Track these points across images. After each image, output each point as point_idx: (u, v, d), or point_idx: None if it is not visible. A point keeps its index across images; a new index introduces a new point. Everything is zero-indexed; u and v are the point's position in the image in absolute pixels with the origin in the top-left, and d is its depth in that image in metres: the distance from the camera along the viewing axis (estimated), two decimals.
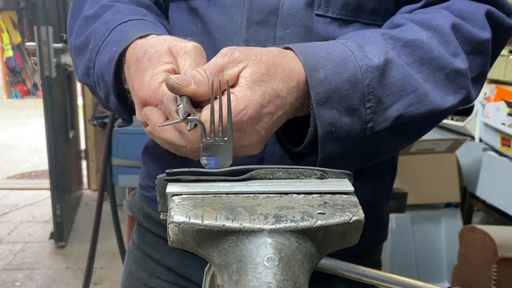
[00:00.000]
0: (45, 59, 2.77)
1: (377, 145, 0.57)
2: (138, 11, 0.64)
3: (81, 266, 2.84)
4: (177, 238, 0.37)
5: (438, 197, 2.25)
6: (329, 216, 0.38)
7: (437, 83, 0.56)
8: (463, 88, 0.58)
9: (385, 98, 0.53)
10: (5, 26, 9.08)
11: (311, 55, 0.52)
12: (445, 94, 0.56)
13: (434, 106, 0.56)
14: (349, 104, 0.52)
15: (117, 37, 0.57)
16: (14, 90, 9.45)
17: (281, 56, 0.51)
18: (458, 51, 0.57)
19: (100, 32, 0.60)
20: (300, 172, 0.44)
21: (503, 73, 2.42)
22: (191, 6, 0.66)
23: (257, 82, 0.47)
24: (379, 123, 0.54)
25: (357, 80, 0.52)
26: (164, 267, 0.77)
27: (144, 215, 0.79)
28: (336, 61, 0.52)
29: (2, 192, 4.19)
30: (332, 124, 0.52)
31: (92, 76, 0.61)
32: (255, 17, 0.62)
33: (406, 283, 0.57)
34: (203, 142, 0.43)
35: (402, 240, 2.20)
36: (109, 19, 0.61)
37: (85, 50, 0.62)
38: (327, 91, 0.51)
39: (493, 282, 1.54)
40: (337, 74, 0.51)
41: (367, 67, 0.52)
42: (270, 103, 0.48)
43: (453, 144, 2.20)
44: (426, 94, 0.55)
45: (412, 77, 0.54)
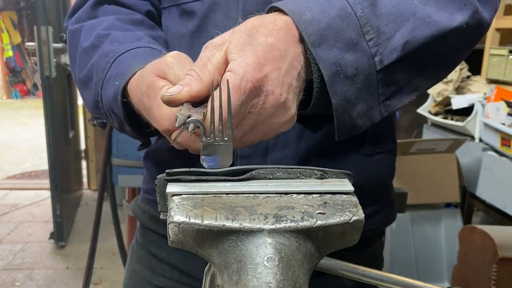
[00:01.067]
0: (45, 59, 2.77)
1: (396, 80, 0.53)
2: (133, 36, 0.64)
3: (81, 266, 2.83)
4: (177, 238, 0.37)
5: (438, 197, 2.25)
6: (329, 216, 0.38)
7: (438, 4, 0.53)
8: (468, 3, 0.54)
9: (384, 28, 0.51)
10: (5, 26, 9.09)
11: (292, 3, 0.50)
12: (451, 13, 0.53)
13: (441, 26, 0.52)
14: (348, 39, 0.50)
15: (117, 71, 0.58)
16: (14, 90, 9.46)
17: (259, 18, 0.49)
18: None
19: (102, 66, 0.61)
20: (300, 172, 0.44)
21: (503, 73, 2.43)
22: (185, 9, 0.67)
23: (243, 48, 0.46)
24: (386, 55, 0.51)
25: (347, 13, 0.50)
26: (168, 265, 0.77)
27: (150, 217, 0.80)
28: (320, 1, 0.50)
29: (2, 192, 4.19)
30: (336, 63, 0.49)
31: (102, 109, 0.62)
32: (250, 9, 0.62)
33: (406, 283, 0.57)
34: (203, 142, 0.43)
35: (402, 240, 2.20)
36: (108, 51, 0.62)
37: (90, 83, 0.64)
38: (319, 29, 0.49)
39: (493, 282, 1.54)
40: (325, 12, 0.50)
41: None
42: (268, 59, 0.46)
43: (453, 144, 2.20)
44: (429, 15, 0.52)
45: (407, 1, 0.52)
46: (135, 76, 0.56)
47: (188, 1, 0.66)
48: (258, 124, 0.47)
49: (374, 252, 0.78)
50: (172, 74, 0.50)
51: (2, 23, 9.06)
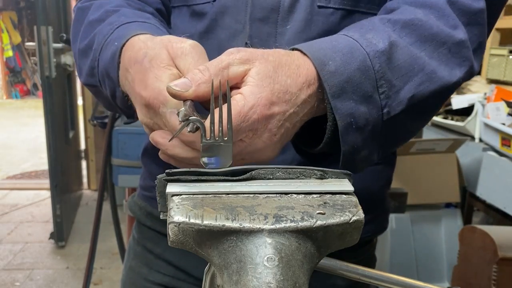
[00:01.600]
0: (45, 59, 2.77)
1: (395, 129, 0.57)
2: (142, 15, 0.64)
3: (81, 266, 2.83)
4: (177, 238, 0.37)
5: (438, 197, 2.25)
6: (329, 216, 0.37)
7: (441, 58, 0.56)
8: (466, 59, 0.58)
9: (395, 81, 0.53)
10: (5, 26, 9.08)
11: (317, 50, 0.52)
12: (451, 68, 0.57)
13: (443, 81, 0.56)
14: (364, 92, 0.52)
15: (119, 34, 0.58)
16: (14, 90, 9.46)
17: (287, 55, 0.51)
18: (457, 23, 0.57)
19: (104, 32, 0.60)
20: (300, 172, 0.44)
21: (503, 73, 2.43)
22: (195, 10, 0.67)
23: (264, 80, 0.47)
24: (394, 107, 0.54)
25: (367, 67, 0.52)
26: (164, 261, 0.77)
27: (147, 214, 0.80)
28: (343, 52, 0.52)
29: (2, 192, 4.19)
30: (351, 115, 0.51)
31: (97, 76, 0.61)
32: (257, 15, 0.63)
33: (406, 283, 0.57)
34: (203, 143, 0.43)
35: (402, 240, 2.20)
36: (114, 20, 0.61)
37: (89, 51, 0.63)
38: (340, 82, 0.51)
39: (493, 282, 1.54)
40: (347, 64, 0.51)
41: (374, 53, 0.52)
42: (280, 100, 0.47)
43: (453, 144, 2.20)
44: (434, 70, 0.55)
45: (417, 56, 0.54)
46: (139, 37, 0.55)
47: (198, 3, 0.67)
48: (244, 154, 0.49)
49: (365, 253, 0.80)
50: (182, 62, 0.50)
51: (2, 23, 9.05)
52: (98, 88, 0.63)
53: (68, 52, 3.05)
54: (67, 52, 3.03)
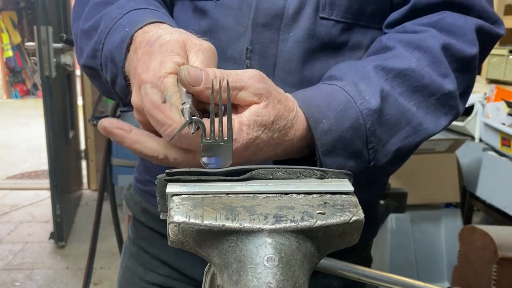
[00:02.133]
0: (45, 59, 2.77)
1: (378, 175, 0.59)
2: (152, 2, 0.63)
3: (81, 266, 2.83)
4: (177, 238, 0.37)
5: (438, 197, 2.25)
6: (329, 216, 0.38)
7: (429, 108, 0.58)
8: (453, 108, 0.60)
9: (383, 135, 0.55)
10: (5, 26, 9.08)
11: (313, 107, 0.52)
12: (437, 118, 0.59)
13: (428, 132, 0.58)
14: (353, 149, 0.53)
15: (130, 20, 0.56)
16: (14, 90, 9.46)
17: (291, 111, 0.51)
18: (448, 72, 0.59)
19: (113, 15, 0.59)
20: (300, 172, 0.44)
21: (503, 73, 2.43)
22: (197, 6, 0.66)
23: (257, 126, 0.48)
24: (379, 160, 0.56)
25: (359, 125, 0.53)
26: (160, 261, 0.77)
27: (142, 209, 0.79)
28: (337, 110, 0.53)
29: (2, 192, 4.19)
30: None
31: (99, 58, 0.59)
32: (260, 20, 0.63)
33: (406, 283, 0.57)
34: (203, 142, 0.43)
35: (402, 240, 2.20)
36: (123, 4, 0.60)
37: (93, 33, 0.61)
38: (332, 140, 0.52)
39: (493, 282, 1.54)
40: (340, 122, 0.52)
41: (367, 111, 0.53)
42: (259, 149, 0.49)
43: (453, 144, 2.20)
44: (420, 123, 0.57)
45: (406, 110, 0.56)
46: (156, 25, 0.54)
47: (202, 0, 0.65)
48: None
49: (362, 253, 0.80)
50: (195, 57, 0.49)
51: (2, 23, 9.05)
52: (98, 71, 0.62)
53: (68, 52, 3.05)
54: (67, 52, 3.03)
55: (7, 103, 8.92)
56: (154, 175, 0.74)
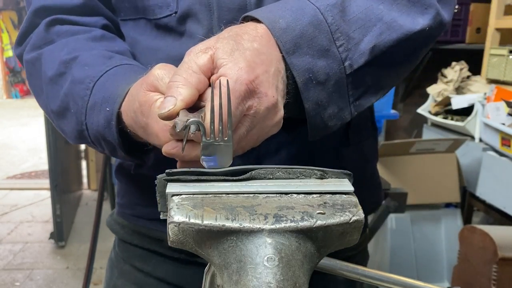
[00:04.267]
0: None
1: (364, 82, 0.56)
2: (102, 55, 0.61)
3: (81, 266, 2.83)
4: (177, 238, 0.37)
5: (438, 197, 2.25)
6: (329, 216, 0.38)
7: (401, 9, 0.56)
8: (429, 7, 0.57)
9: (353, 33, 0.53)
10: (5, 26, 9.09)
11: (267, 11, 0.52)
12: (413, 17, 0.56)
13: (406, 29, 0.55)
14: (319, 46, 0.52)
15: (103, 96, 0.56)
16: (14, 90, 9.46)
17: (240, 27, 0.51)
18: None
19: (79, 93, 0.58)
20: (300, 172, 0.44)
21: (503, 73, 2.43)
22: (159, 23, 0.64)
23: (232, 53, 0.47)
24: (356, 60, 0.54)
25: (319, 20, 0.52)
26: (155, 279, 0.75)
27: (132, 232, 0.77)
28: (293, 9, 0.52)
29: (2, 192, 4.19)
30: (309, 70, 0.51)
31: (88, 138, 0.60)
32: (225, 17, 0.61)
33: (406, 283, 0.57)
34: (203, 142, 0.43)
35: (402, 240, 2.20)
36: (81, 77, 0.59)
37: (67, 113, 0.61)
38: (293, 38, 0.51)
39: (493, 282, 1.54)
40: (298, 20, 0.51)
41: (325, 7, 0.53)
42: (256, 63, 0.47)
43: (453, 144, 2.20)
44: (394, 19, 0.55)
45: (374, 7, 0.55)
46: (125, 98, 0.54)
47: (160, 16, 0.64)
48: (253, 128, 0.48)
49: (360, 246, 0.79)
50: (164, 86, 0.49)
51: (2, 23, 9.06)
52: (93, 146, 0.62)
53: None
54: None
55: (7, 103, 8.92)
56: (139, 197, 0.73)
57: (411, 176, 2.15)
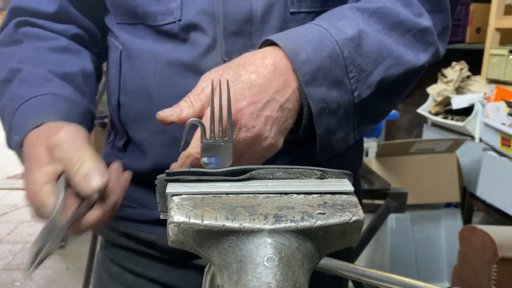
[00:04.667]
0: None
1: (367, 110, 0.60)
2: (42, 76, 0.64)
3: (81, 266, 2.83)
4: (177, 238, 0.37)
5: (438, 197, 2.25)
6: (329, 216, 0.38)
7: (407, 44, 0.60)
8: (431, 44, 0.62)
9: (365, 66, 0.57)
10: None
11: (289, 40, 0.54)
12: (417, 53, 0.60)
13: (410, 65, 0.59)
14: (334, 78, 0.55)
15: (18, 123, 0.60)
16: None
17: (251, 54, 0.54)
18: (421, 11, 0.61)
19: (9, 110, 0.62)
20: (300, 172, 0.44)
21: (503, 73, 2.43)
22: (161, 30, 0.64)
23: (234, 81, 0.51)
24: (364, 90, 0.57)
25: (336, 54, 0.55)
26: (146, 280, 0.75)
27: (120, 233, 0.76)
28: (314, 41, 0.55)
29: (2, 192, 4.19)
30: (323, 100, 0.55)
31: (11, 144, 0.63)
32: (231, 28, 0.62)
33: (406, 283, 0.57)
34: (203, 143, 0.43)
35: (402, 240, 2.20)
36: (15, 94, 0.62)
37: (3, 119, 0.65)
38: (312, 70, 0.54)
39: (493, 282, 1.54)
40: (317, 53, 0.54)
41: (343, 40, 0.55)
42: (245, 96, 0.50)
43: (453, 144, 2.21)
44: (401, 55, 0.58)
45: (385, 42, 0.58)
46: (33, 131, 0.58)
47: (163, 23, 0.64)
48: (241, 152, 0.52)
49: None
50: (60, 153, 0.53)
51: None
52: None
53: None
54: None
55: None
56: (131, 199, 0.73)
57: (411, 176, 2.15)
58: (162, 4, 0.63)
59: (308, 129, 0.57)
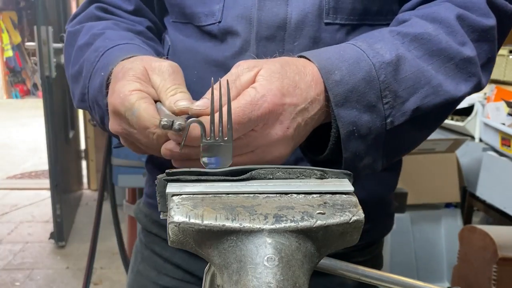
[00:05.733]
0: (45, 59, 2.77)
1: (399, 139, 0.57)
2: (126, 36, 0.67)
3: (81, 266, 2.83)
4: (177, 238, 0.37)
5: (438, 197, 2.25)
6: (329, 216, 0.38)
7: (448, 73, 0.57)
8: (473, 75, 0.59)
9: (401, 92, 0.54)
10: (5, 26, 9.09)
11: (324, 59, 0.53)
12: (457, 83, 0.57)
13: (449, 95, 0.57)
14: (367, 102, 0.53)
15: (104, 63, 0.60)
16: (14, 90, 9.46)
17: (293, 59, 0.52)
18: (465, 40, 0.58)
19: (91, 59, 0.63)
20: (300, 172, 0.44)
21: (503, 73, 2.43)
22: (204, 30, 0.67)
23: (273, 75, 0.48)
24: (398, 117, 0.55)
25: (372, 77, 0.53)
26: (173, 265, 0.78)
27: (153, 221, 0.80)
28: (349, 62, 0.53)
29: (2, 192, 4.19)
30: (353, 123, 0.52)
31: (88, 101, 0.64)
32: (264, 33, 0.63)
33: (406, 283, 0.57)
34: (203, 143, 0.43)
35: (402, 240, 2.20)
36: (98, 46, 0.64)
37: (80, 77, 0.65)
38: (344, 91, 0.52)
39: (493, 282, 1.54)
40: (352, 74, 0.52)
41: (380, 64, 0.53)
42: (290, 93, 0.49)
43: (453, 144, 2.20)
44: (440, 84, 0.56)
45: (424, 69, 0.55)
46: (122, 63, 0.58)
47: (205, 24, 0.67)
48: (256, 147, 0.49)
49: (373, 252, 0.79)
50: (157, 77, 0.53)
51: (2, 23, 9.06)
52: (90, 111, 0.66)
53: None
54: None
55: (7, 103, 8.92)
56: None
57: (411, 176, 2.15)
58: (207, 6, 0.66)
59: (334, 151, 0.55)
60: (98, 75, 0.60)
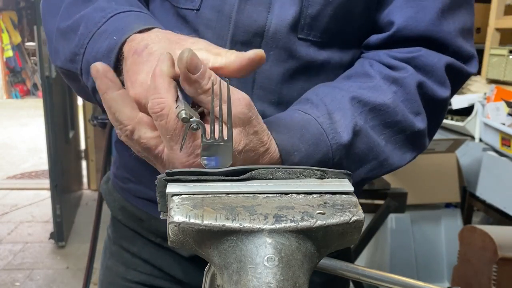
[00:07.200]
0: (45, 59, 2.78)
1: None
2: (133, 2, 0.61)
3: (81, 266, 2.84)
4: (177, 238, 0.37)
5: (438, 197, 2.25)
6: (329, 216, 0.38)
7: (397, 143, 0.61)
8: (419, 146, 0.63)
9: (349, 166, 0.57)
10: (5, 26, 9.09)
11: (286, 139, 0.52)
12: (404, 153, 0.62)
13: (392, 167, 0.61)
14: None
15: (116, 26, 0.54)
16: (14, 90, 9.46)
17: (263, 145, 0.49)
18: (420, 110, 0.61)
19: (95, 19, 0.56)
20: (300, 172, 0.44)
21: (503, 73, 2.43)
22: (179, 13, 0.65)
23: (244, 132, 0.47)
24: None
25: (328, 159, 0.55)
26: (141, 260, 0.77)
27: (120, 207, 0.78)
28: (309, 143, 0.54)
29: (2, 192, 4.19)
30: None
31: (80, 63, 0.57)
32: (240, 37, 0.61)
33: (406, 283, 0.57)
34: (203, 142, 0.43)
35: (402, 240, 2.20)
36: (105, 6, 0.58)
37: (72, 35, 0.58)
38: None
39: (493, 282, 1.54)
40: (310, 156, 0.53)
41: (337, 146, 0.55)
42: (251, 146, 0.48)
43: (453, 144, 2.21)
44: (387, 158, 0.60)
45: (375, 144, 0.58)
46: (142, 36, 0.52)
47: (182, 7, 0.64)
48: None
49: None
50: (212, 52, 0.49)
51: (2, 23, 9.06)
52: (76, 75, 0.59)
53: None
54: None
55: (7, 103, 8.93)
56: (132, 173, 0.75)
57: (411, 176, 2.15)
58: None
59: None
60: (107, 37, 0.54)
